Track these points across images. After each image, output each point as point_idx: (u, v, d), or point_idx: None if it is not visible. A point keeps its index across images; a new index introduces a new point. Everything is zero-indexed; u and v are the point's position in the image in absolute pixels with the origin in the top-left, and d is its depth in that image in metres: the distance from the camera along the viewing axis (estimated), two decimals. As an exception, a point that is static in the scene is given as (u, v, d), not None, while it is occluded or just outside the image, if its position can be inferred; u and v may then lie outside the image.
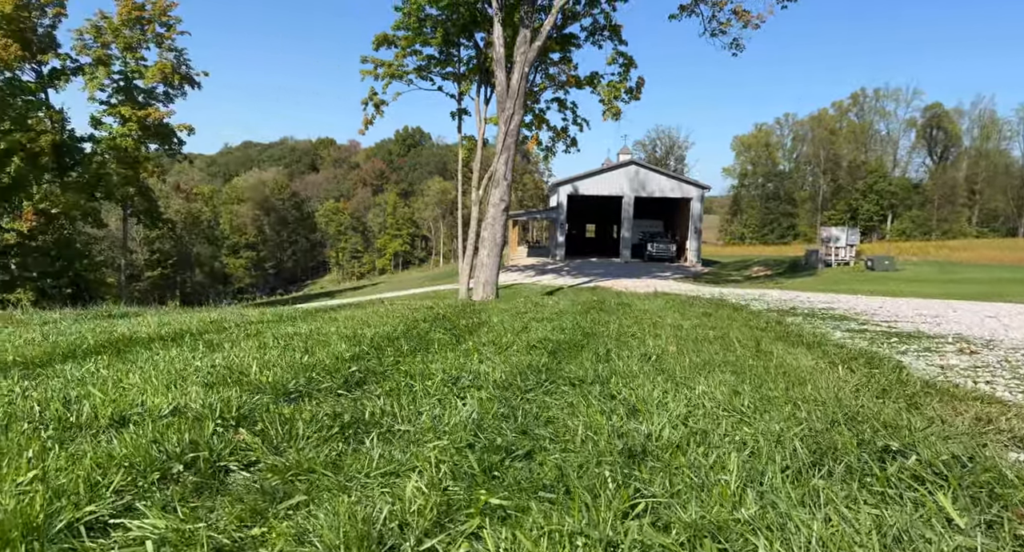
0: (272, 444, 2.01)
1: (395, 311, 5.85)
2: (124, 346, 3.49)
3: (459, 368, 2.93)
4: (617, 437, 2.02)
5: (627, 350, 3.51)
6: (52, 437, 1.90)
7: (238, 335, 4.04)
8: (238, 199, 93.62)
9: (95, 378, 2.52)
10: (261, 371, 2.71)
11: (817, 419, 2.22)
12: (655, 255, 44.32)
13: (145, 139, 34.62)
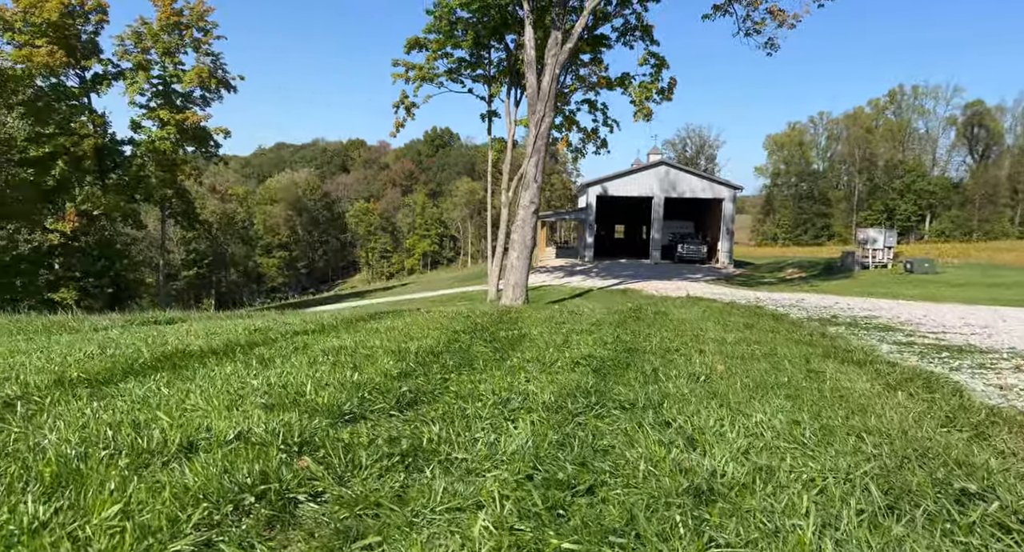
0: (336, 473, 2.04)
1: (434, 321, 5.87)
2: (179, 361, 3.57)
3: (507, 389, 2.94)
4: (680, 473, 1.99)
5: (674, 369, 3.47)
6: (128, 466, 1.94)
7: (286, 348, 4.10)
8: (271, 200, 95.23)
9: (158, 398, 2.58)
10: (316, 391, 2.75)
11: (886, 455, 2.16)
12: (685, 256, 43.82)
13: (183, 142, 35.43)
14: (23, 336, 5.46)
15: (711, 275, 36.77)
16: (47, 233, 31.77)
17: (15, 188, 26.89)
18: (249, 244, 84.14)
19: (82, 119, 33.97)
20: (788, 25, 22.95)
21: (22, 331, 5.80)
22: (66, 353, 3.80)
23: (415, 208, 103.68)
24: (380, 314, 7.59)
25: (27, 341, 5.02)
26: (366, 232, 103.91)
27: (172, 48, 34.61)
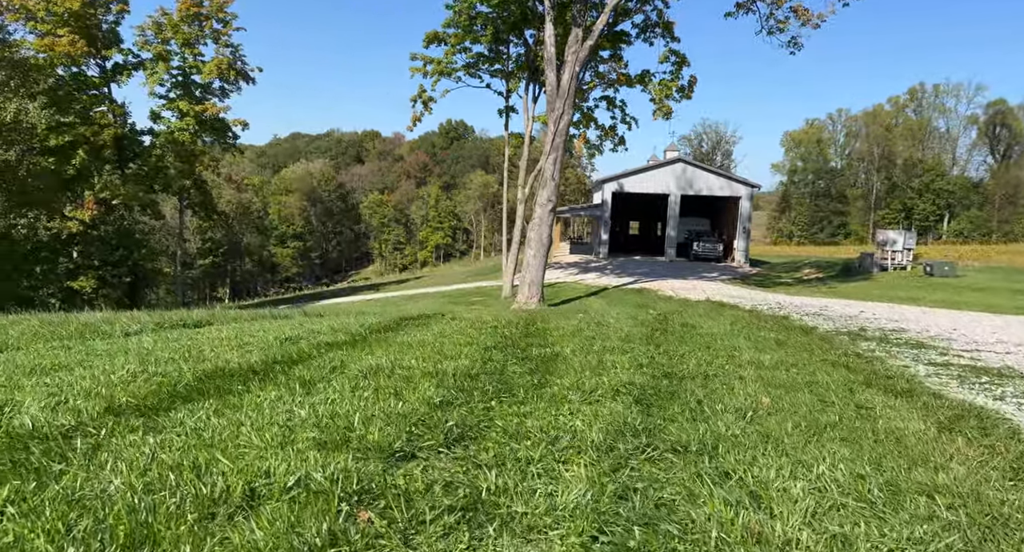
0: (400, 529, 2.01)
1: (463, 332, 5.85)
2: (222, 383, 3.57)
3: (554, 425, 2.91)
4: (754, 542, 1.94)
5: (719, 402, 3.43)
6: (197, 520, 1.93)
7: (323, 367, 4.10)
8: (286, 190, 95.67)
9: (211, 432, 2.57)
10: (364, 425, 2.73)
11: (964, 523, 2.11)
12: (701, 254, 43.55)
13: (201, 133, 35.61)
14: (59, 343, 5.49)
15: (727, 274, 36.54)
16: (66, 221, 32.06)
17: (36, 177, 27.15)
18: (264, 234, 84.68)
19: (102, 109, 34.21)
20: (812, 25, 22.64)
21: (57, 336, 5.84)
22: (109, 371, 3.81)
23: (429, 200, 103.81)
24: (406, 321, 7.57)
25: (65, 351, 5.05)
26: (380, 224, 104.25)
27: (192, 39, 34.73)
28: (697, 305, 12.58)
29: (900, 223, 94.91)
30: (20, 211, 25.56)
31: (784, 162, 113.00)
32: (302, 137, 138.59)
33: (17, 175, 25.35)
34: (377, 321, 7.57)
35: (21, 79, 25.74)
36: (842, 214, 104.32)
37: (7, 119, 23.99)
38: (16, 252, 25.60)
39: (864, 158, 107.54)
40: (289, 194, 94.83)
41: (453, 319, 7.56)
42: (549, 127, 22.05)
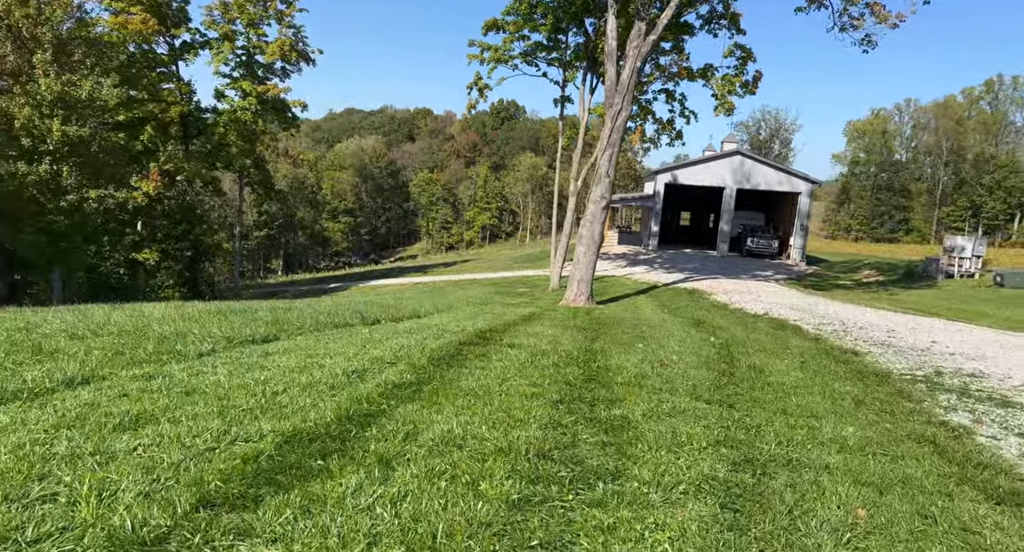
0: None
1: (526, 375, 5.80)
2: (301, 455, 3.61)
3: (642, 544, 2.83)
4: None
5: (811, 512, 3.28)
6: None
7: (396, 433, 4.10)
8: (340, 166, 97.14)
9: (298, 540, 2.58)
10: (448, 538, 2.72)
11: None
12: (755, 250, 42.43)
13: (262, 113, 36.33)
14: (139, 370, 5.66)
15: (782, 273, 35.57)
16: (132, 191, 33.18)
17: (107, 152, 28.14)
18: (316, 208, 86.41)
19: (169, 86, 35.20)
20: (890, 24, 21.52)
21: (136, 360, 6.01)
22: (194, 431, 3.89)
23: (477, 181, 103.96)
24: (465, 347, 7.56)
25: (146, 382, 5.20)
26: (428, 202, 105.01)
27: (256, 19, 35.30)
28: (758, 326, 12.20)
29: (967, 221, 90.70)
30: (92, 185, 26.58)
31: (846, 153, 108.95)
32: (357, 112, 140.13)
33: (90, 150, 26.33)
34: (437, 344, 7.58)
35: (97, 57, 26.61)
36: (904, 209, 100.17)
37: (82, 96, 24.87)
38: (87, 224, 26.68)
39: (931, 151, 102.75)
40: (342, 170, 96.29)
41: (511, 348, 7.51)
42: (606, 123, 21.66)
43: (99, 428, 3.92)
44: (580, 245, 23.19)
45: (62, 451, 3.48)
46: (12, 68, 24.22)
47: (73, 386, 4.97)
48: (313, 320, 9.92)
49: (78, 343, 6.56)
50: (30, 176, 24.00)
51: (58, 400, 4.56)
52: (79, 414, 4.17)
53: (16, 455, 3.38)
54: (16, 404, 4.40)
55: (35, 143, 24.24)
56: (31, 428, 3.88)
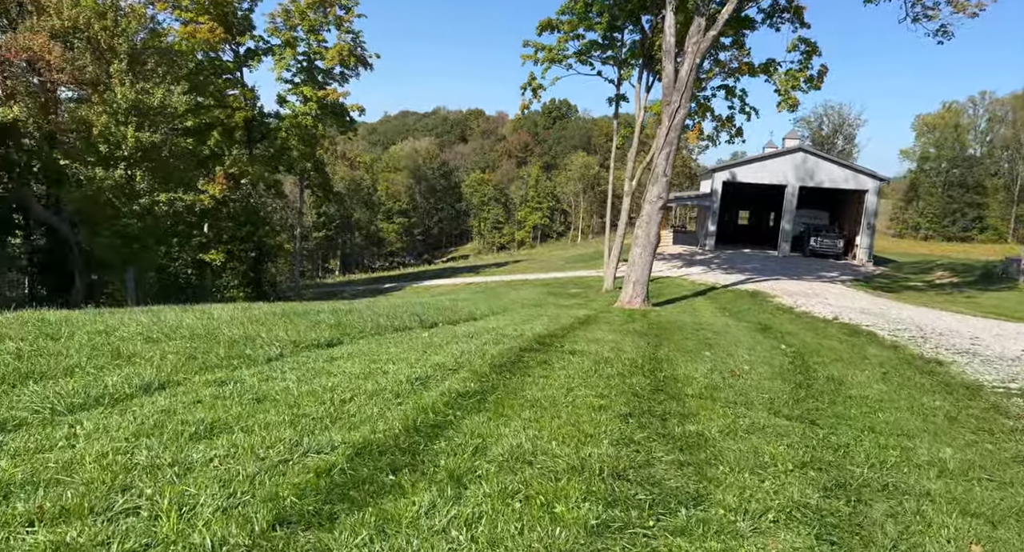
0: None
1: (591, 385, 5.67)
2: (373, 469, 3.57)
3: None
4: None
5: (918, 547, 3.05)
6: None
7: (464, 447, 4.03)
8: (394, 167, 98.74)
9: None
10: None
11: None
12: (819, 250, 40.92)
13: (322, 117, 37.22)
14: (211, 375, 5.78)
15: (848, 274, 34.17)
16: (199, 194, 34.53)
17: (177, 157, 29.32)
18: (372, 209, 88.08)
19: (234, 92, 36.45)
20: (969, 13, 20.30)
21: (208, 365, 6.15)
22: (267, 442, 3.91)
23: (528, 180, 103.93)
24: (525, 353, 7.46)
25: (218, 387, 5.29)
26: (480, 202, 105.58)
27: (317, 26, 36.18)
28: (829, 332, 11.65)
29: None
30: (162, 189, 27.74)
31: (914, 148, 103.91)
32: (411, 115, 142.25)
33: (161, 155, 27.48)
34: (497, 350, 7.51)
35: (168, 65, 27.75)
36: (979, 206, 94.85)
37: (154, 103, 25.96)
38: (159, 226, 27.85)
39: (1008, 145, 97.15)
40: (397, 171, 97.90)
41: (573, 355, 7.36)
42: (663, 121, 21.23)
43: (176, 437, 3.99)
44: (636, 246, 22.82)
45: (143, 461, 3.55)
46: (91, 78, 25.49)
47: (150, 392, 5.10)
48: (373, 323, 10.00)
49: (153, 347, 6.77)
50: (107, 181, 25.22)
51: (136, 406, 4.68)
52: (157, 422, 4.26)
53: (100, 464, 3.46)
54: (98, 410, 4.53)
55: (111, 149, 25.46)
56: (112, 435, 3.98)
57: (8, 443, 3.76)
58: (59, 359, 5.71)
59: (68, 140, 26.90)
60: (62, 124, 27.00)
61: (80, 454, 3.59)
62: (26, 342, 6.30)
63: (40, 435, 3.92)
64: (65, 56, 24.97)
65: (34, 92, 25.58)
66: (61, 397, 4.58)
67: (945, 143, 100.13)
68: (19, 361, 5.45)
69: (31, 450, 3.67)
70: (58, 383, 4.99)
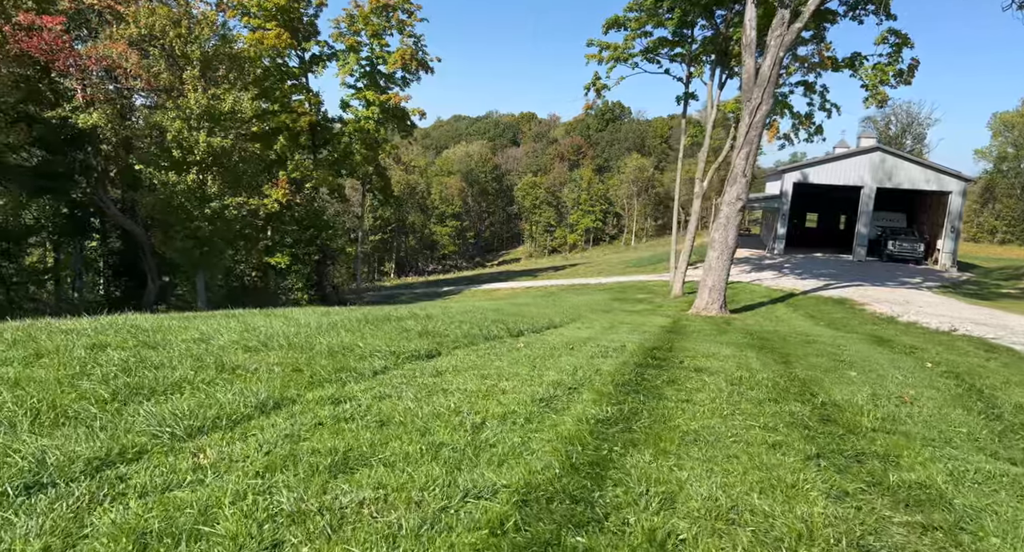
0: None
1: (734, 379, 4.97)
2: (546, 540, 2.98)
3: None
4: None
5: None
6: None
7: (660, 460, 3.41)
8: (448, 171, 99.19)
9: None
10: None
11: None
12: (896, 255, 38.78)
13: (384, 121, 37.30)
14: (323, 391, 5.30)
15: (933, 280, 32.17)
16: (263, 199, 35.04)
17: (246, 161, 29.73)
18: (425, 213, 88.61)
19: (299, 98, 36.88)
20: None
21: (318, 379, 5.69)
22: (417, 482, 3.36)
23: (581, 183, 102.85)
24: (645, 369, 6.78)
25: (335, 407, 4.80)
26: (531, 205, 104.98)
27: (380, 30, 36.28)
28: (960, 347, 10.51)
29: None
30: (232, 193, 28.14)
31: (991, 148, 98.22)
32: (463, 119, 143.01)
33: (231, 160, 27.86)
34: (610, 366, 6.87)
35: (238, 72, 28.16)
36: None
37: (225, 109, 26.31)
38: (230, 230, 28.24)
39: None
40: (450, 176, 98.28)
41: (698, 372, 6.65)
42: (743, 118, 20.21)
43: (313, 472, 3.47)
44: (712, 250, 21.84)
45: (286, 506, 3.03)
46: (166, 84, 26.04)
47: (266, 411, 4.64)
48: (462, 332, 9.46)
49: (254, 357, 6.37)
50: (179, 185, 25.68)
51: (256, 430, 4.21)
52: (287, 452, 3.76)
53: (241, 510, 2.96)
54: (218, 434, 4.07)
55: (184, 154, 25.91)
56: (243, 468, 3.49)
57: (132, 476, 3.30)
58: (164, 372, 5.33)
59: (143, 146, 27.58)
60: (138, 130, 27.69)
61: (215, 495, 3.10)
62: (128, 351, 5.98)
63: (164, 466, 3.47)
64: (141, 63, 25.57)
65: (112, 99, 26.27)
66: (177, 418, 4.15)
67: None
68: (127, 375, 5.09)
69: (159, 487, 3.20)
70: (169, 400, 4.58)
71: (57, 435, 3.70)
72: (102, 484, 3.17)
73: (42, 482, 3.11)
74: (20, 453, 3.34)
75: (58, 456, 3.36)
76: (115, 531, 2.70)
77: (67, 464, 3.30)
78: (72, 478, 3.19)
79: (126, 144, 27.28)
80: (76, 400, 4.32)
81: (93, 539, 2.67)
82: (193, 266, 27.80)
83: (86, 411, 4.17)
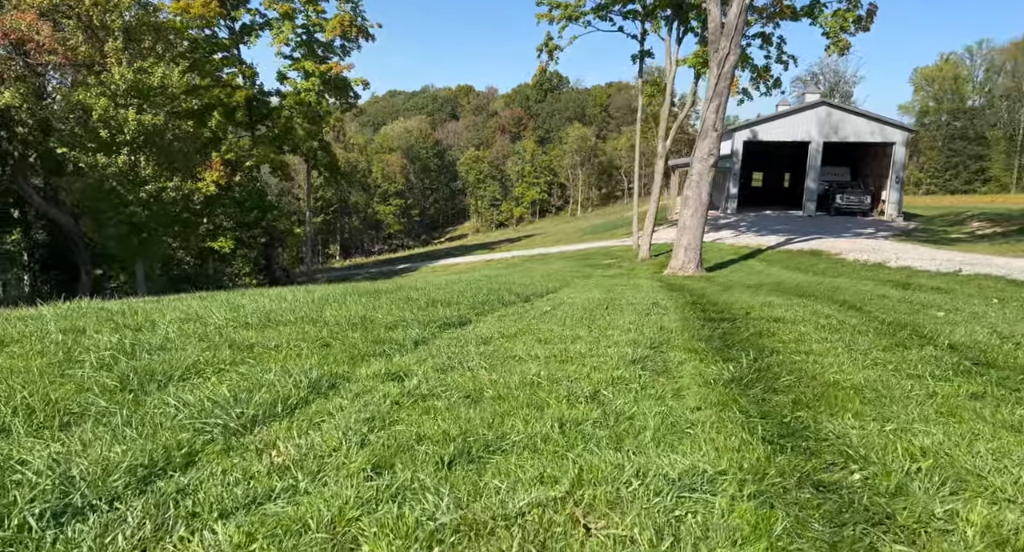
0: None
1: (827, 326, 4.30)
2: None
3: None
4: None
5: None
6: None
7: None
8: (388, 148, 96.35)
9: None
10: None
11: None
12: (844, 208, 39.58)
13: (326, 93, 35.21)
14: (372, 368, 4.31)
15: (884, 230, 32.95)
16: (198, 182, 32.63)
17: (180, 140, 27.49)
18: (368, 192, 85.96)
19: (232, 70, 34.37)
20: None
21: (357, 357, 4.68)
22: (607, 474, 2.48)
23: (524, 155, 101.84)
24: (725, 327, 6.06)
25: (397, 384, 3.85)
26: (476, 180, 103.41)
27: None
28: (1003, 287, 10.19)
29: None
30: (168, 174, 25.96)
31: (914, 103, 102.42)
32: (399, 94, 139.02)
33: (164, 138, 25.67)
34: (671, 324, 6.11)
35: (165, 44, 25.78)
36: (980, 158, 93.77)
37: (154, 83, 24.09)
38: (167, 214, 26.11)
39: (1010, 94, 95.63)
40: (390, 152, 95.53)
41: (778, 322, 5.97)
42: (712, 70, 19.69)
43: (440, 465, 2.56)
44: (686, 208, 21.47)
45: (446, 518, 2.10)
46: (85, 58, 23.53)
47: (322, 392, 3.65)
48: (473, 299, 8.53)
49: (264, 333, 5.30)
50: (110, 168, 23.43)
51: (323, 415, 3.24)
52: (390, 441, 2.82)
53: (381, 527, 2.02)
54: (280, 425, 3.07)
55: (112, 134, 23.59)
56: (342, 468, 2.54)
57: (197, 489, 2.31)
58: (172, 354, 4.23)
59: (64, 127, 25.00)
60: (57, 110, 25.08)
61: (327, 507, 2.15)
62: (116, 333, 4.80)
63: (234, 471, 2.48)
64: (55, 36, 23.01)
65: (24, 76, 23.60)
66: (221, 407, 3.12)
67: (944, 96, 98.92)
68: (129, 359, 3.97)
69: (240, 503, 2.22)
70: (197, 387, 3.52)
71: (69, 439, 2.64)
72: (160, 503, 2.18)
73: (76, 505, 2.09)
74: (30, 466, 2.29)
75: (85, 466, 2.33)
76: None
77: (102, 477, 2.28)
78: (115, 496, 2.19)
79: (44, 126, 24.67)
80: (76, 392, 3.23)
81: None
82: (131, 255, 25.61)
83: (94, 405, 3.09)
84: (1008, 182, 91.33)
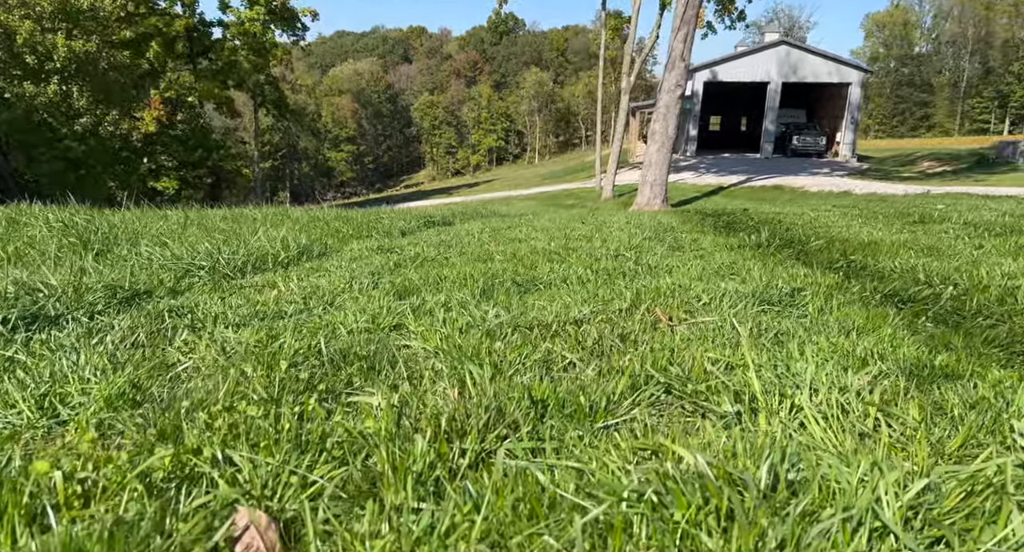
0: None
1: (843, 212, 4.13)
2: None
3: None
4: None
5: None
6: None
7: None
8: (338, 91, 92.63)
9: None
10: None
11: None
12: (800, 149, 40.04)
13: (271, 23, 33.11)
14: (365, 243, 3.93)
15: (840, 170, 33.53)
16: (135, 121, 30.66)
17: (116, 70, 25.57)
18: (318, 137, 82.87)
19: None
20: None
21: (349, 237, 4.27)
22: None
23: (480, 101, 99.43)
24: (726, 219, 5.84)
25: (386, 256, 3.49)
26: (431, 126, 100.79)
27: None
28: (985, 202, 10.25)
29: (992, 112, 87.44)
30: (104, 107, 24.22)
31: (865, 49, 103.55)
32: (347, 35, 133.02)
33: (98, 68, 23.83)
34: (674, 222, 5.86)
35: (91, -38, 23.57)
36: (925, 105, 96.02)
37: (83, 6, 22.15)
38: (106, 150, 24.48)
39: (956, 41, 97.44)
40: (340, 95, 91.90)
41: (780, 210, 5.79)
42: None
43: (489, 289, 2.23)
44: (652, 143, 21.12)
45: (495, 320, 1.79)
46: (2, -26, 21.36)
47: (314, 257, 3.26)
48: (451, 213, 8.15)
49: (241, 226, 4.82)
50: (39, 98, 21.63)
51: (327, 269, 2.86)
52: (403, 283, 2.47)
53: (432, 330, 1.70)
54: (273, 274, 2.68)
55: (40, 61, 21.69)
56: (366, 296, 2.18)
57: (194, 309, 1.93)
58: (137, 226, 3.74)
59: (-17, 52, 22.86)
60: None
61: (343, 318, 1.81)
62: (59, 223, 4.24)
63: (234, 298, 2.10)
64: (-36, -52, 20.75)
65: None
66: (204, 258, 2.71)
67: (893, 42, 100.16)
68: (90, 230, 3.47)
69: (249, 319, 1.86)
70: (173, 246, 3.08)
71: (33, 271, 2.20)
72: (151, 317, 1.79)
73: (49, 315, 1.70)
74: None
75: (54, 285, 1.92)
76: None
77: (74, 297, 1.90)
78: (95, 311, 1.81)
79: (-41, 51, 22.47)
80: (29, 245, 2.76)
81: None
82: (69, 193, 23.97)
83: (53, 256, 2.64)
84: (951, 128, 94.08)
